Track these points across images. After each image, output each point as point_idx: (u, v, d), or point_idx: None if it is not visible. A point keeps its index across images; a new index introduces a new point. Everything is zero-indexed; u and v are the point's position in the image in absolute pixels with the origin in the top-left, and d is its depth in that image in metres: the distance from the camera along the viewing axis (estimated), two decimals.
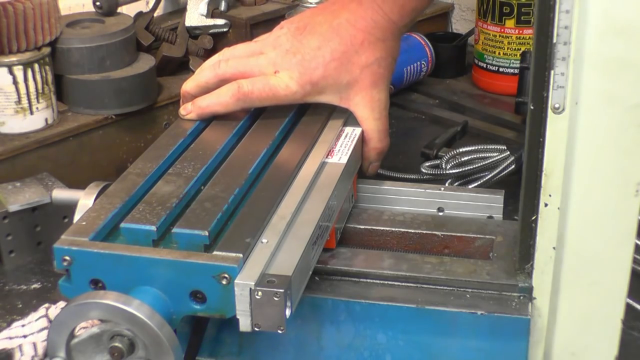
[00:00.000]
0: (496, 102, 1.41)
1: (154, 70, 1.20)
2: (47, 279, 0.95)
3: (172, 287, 0.66)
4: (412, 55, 1.41)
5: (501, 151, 1.08)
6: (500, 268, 0.79)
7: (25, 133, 1.09)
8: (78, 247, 0.67)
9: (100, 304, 0.64)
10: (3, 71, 1.07)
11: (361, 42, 0.90)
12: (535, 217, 0.73)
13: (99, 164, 1.15)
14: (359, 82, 0.91)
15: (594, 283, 0.73)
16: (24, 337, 0.79)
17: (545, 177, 0.71)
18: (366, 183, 0.95)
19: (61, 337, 0.65)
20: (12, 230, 0.96)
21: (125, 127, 1.18)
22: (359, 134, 0.92)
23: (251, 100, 0.90)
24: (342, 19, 0.91)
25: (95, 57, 1.14)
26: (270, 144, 0.86)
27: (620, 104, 0.66)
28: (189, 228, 0.68)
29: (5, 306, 0.90)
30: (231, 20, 1.36)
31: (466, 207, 0.91)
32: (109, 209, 0.72)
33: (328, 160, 0.86)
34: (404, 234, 0.87)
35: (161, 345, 0.63)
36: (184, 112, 0.91)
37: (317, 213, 0.76)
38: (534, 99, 0.69)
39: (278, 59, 0.90)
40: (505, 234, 0.85)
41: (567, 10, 0.65)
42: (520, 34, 1.39)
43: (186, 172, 0.78)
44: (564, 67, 0.66)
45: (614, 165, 0.69)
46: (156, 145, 0.85)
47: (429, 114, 1.36)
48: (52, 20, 1.11)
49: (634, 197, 0.69)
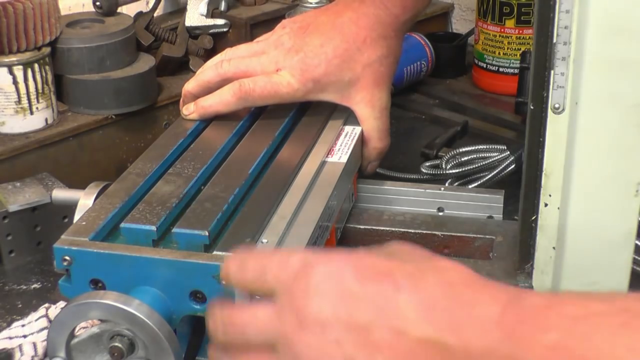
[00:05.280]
0: (496, 102, 1.41)
1: (154, 70, 1.20)
2: (47, 279, 0.94)
3: (172, 287, 0.66)
4: (412, 55, 1.41)
5: (501, 151, 1.08)
6: (500, 268, 0.79)
7: (25, 133, 1.09)
8: (78, 247, 0.67)
9: (100, 304, 0.64)
10: (3, 71, 1.07)
11: (363, 40, 0.90)
12: (535, 217, 0.73)
13: (99, 164, 1.15)
14: (360, 80, 0.91)
15: (594, 283, 0.73)
16: (24, 337, 0.79)
17: (545, 177, 0.71)
18: (366, 183, 0.95)
19: (61, 337, 0.65)
20: (12, 230, 0.96)
21: (125, 127, 1.17)
22: (359, 133, 0.92)
23: (253, 98, 0.90)
24: (345, 17, 0.91)
25: (95, 57, 1.14)
26: (270, 143, 0.86)
27: (620, 104, 0.66)
28: (189, 228, 0.68)
29: (5, 306, 0.90)
30: (231, 20, 1.36)
31: (466, 207, 0.91)
32: (109, 209, 0.72)
33: (328, 160, 0.86)
34: (404, 234, 0.87)
35: (161, 345, 0.63)
36: (186, 112, 0.92)
37: (317, 213, 0.76)
38: (534, 99, 0.69)
39: (280, 57, 0.90)
40: (505, 234, 0.85)
41: (567, 10, 0.65)
42: (520, 34, 1.39)
43: (186, 172, 0.78)
44: (564, 67, 0.66)
45: (614, 165, 0.69)
46: (156, 145, 0.85)
47: (429, 114, 1.35)
48: (52, 20, 1.11)
49: (634, 197, 0.69)
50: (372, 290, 0.52)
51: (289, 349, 0.54)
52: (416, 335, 0.50)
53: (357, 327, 0.51)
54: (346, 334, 0.51)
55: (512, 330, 0.47)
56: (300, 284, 0.54)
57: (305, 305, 0.53)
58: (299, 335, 0.53)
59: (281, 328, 0.54)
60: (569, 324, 0.45)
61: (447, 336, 0.49)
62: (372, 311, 0.51)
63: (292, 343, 0.53)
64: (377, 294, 0.52)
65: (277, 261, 0.57)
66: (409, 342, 0.50)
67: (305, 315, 0.53)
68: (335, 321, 0.52)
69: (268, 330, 0.56)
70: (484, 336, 0.48)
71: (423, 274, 0.53)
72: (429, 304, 0.51)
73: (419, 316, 0.50)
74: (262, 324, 0.56)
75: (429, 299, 0.51)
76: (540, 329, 0.46)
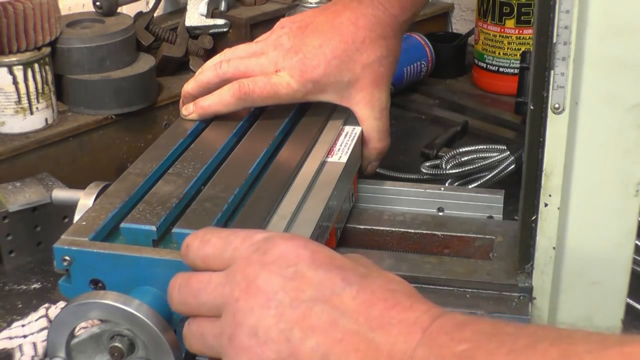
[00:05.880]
0: (496, 102, 1.41)
1: (154, 70, 1.20)
2: (47, 279, 0.95)
3: None
4: (412, 55, 1.41)
5: (501, 151, 1.08)
6: (500, 268, 0.79)
7: (25, 133, 1.09)
8: (78, 247, 0.67)
9: (100, 304, 0.63)
10: (3, 71, 1.07)
11: (362, 40, 0.90)
12: (535, 217, 0.73)
13: (99, 164, 1.15)
14: (360, 80, 0.91)
15: (594, 283, 0.73)
16: (24, 337, 0.79)
17: (545, 177, 0.71)
18: (366, 183, 0.95)
19: (61, 337, 0.65)
20: (12, 230, 0.96)
21: (125, 127, 1.18)
22: (359, 133, 0.92)
23: (252, 99, 0.90)
24: (344, 17, 0.91)
25: (95, 57, 1.14)
26: (270, 144, 0.86)
27: (620, 104, 0.66)
28: (189, 228, 0.68)
29: (5, 306, 0.90)
30: (231, 20, 1.36)
31: (466, 207, 0.91)
32: (109, 209, 0.72)
33: (328, 160, 0.86)
34: (404, 234, 0.87)
35: (161, 345, 0.63)
36: (185, 113, 0.92)
37: (317, 213, 0.76)
38: (534, 99, 0.69)
39: (279, 58, 0.90)
40: (505, 234, 0.85)
41: (567, 10, 0.65)
42: (520, 34, 1.39)
43: (186, 172, 0.78)
44: (564, 67, 0.66)
45: (614, 165, 0.69)
46: (156, 145, 0.85)
47: (429, 114, 1.36)
48: (52, 20, 1.11)
49: (634, 197, 0.69)
50: (322, 277, 0.55)
51: (232, 314, 0.56)
52: (350, 326, 0.53)
53: (299, 306, 0.54)
54: (287, 309, 0.54)
55: (433, 338, 0.51)
56: (257, 255, 0.57)
57: (255, 275, 0.56)
58: (244, 301, 0.56)
59: (229, 292, 0.57)
60: (481, 339, 0.49)
61: (377, 333, 0.52)
62: (316, 295, 0.54)
63: (235, 309, 0.56)
64: (326, 281, 0.55)
65: (241, 236, 0.60)
66: (341, 331, 0.53)
67: (254, 283, 0.56)
68: (280, 296, 0.55)
69: (217, 295, 0.58)
70: (408, 339, 0.51)
71: (371, 277, 0.56)
72: (369, 303, 0.54)
73: (357, 310, 0.54)
74: (213, 288, 0.58)
75: (370, 299, 0.54)
76: (455, 340, 0.50)
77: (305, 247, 0.57)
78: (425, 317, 0.52)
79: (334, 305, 0.54)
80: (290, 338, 0.54)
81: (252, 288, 0.56)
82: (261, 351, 0.54)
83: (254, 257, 0.57)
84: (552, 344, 0.46)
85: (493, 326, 0.50)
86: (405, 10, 0.93)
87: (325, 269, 0.56)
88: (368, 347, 0.52)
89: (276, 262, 0.56)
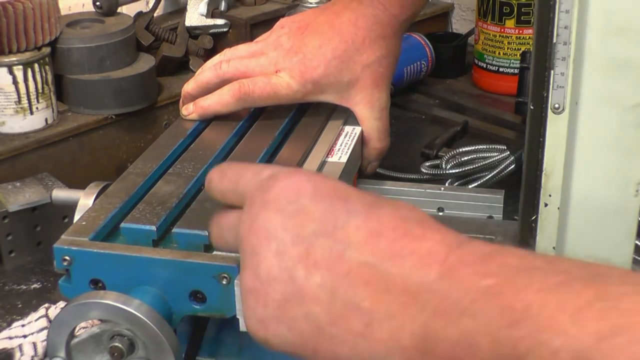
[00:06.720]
0: (496, 102, 1.41)
1: (154, 70, 1.20)
2: (47, 279, 0.95)
3: (172, 287, 0.66)
4: (412, 55, 1.41)
5: (501, 151, 1.08)
6: None
7: (25, 133, 1.09)
8: (78, 247, 0.67)
9: (100, 303, 0.63)
10: (3, 71, 1.07)
11: (362, 40, 0.90)
12: (535, 217, 0.73)
13: (99, 164, 1.15)
14: (360, 80, 0.91)
15: None
16: (24, 337, 0.79)
17: (545, 177, 0.71)
18: (366, 183, 0.95)
19: (61, 337, 0.65)
20: (12, 230, 0.96)
21: (125, 127, 1.18)
22: (359, 133, 0.92)
23: (252, 99, 0.90)
24: (344, 18, 0.91)
25: (95, 57, 1.14)
26: (270, 144, 0.86)
27: (620, 104, 0.66)
28: (189, 228, 0.68)
29: (5, 306, 0.90)
30: (231, 20, 1.36)
31: (466, 207, 0.91)
32: (109, 209, 0.72)
33: (328, 160, 0.86)
34: None
35: (161, 345, 0.63)
36: (185, 113, 0.92)
37: None
38: (534, 99, 0.69)
39: (279, 58, 0.90)
40: (505, 234, 0.85)
41: (567, 10, 0.65)
42: (520, 34, 1.39)
43: (186, 172, 0.78)
44: (564, 67, 0.66)
45: (614, 165, 0.69)
46: (156, 145, 0.85)
47: (429, 114, 1.36)
48: (52, 20, 1.11)
49: (634, 197, 0.69)
50: (324, 209, 0.52)
51: (241, 255, 0.56)
52: (357, 258, 0.50)
53: (301, 242, 0.52)
54: (289, 247, 0.52)
55: (452, 271, 0.47)
56: (260, 194, 0.55)
57: (257, 214, 0.54)
58: (247, 240, 0.54)
59: (238, 231, 0.56)
60: (508, 273, 0.45)
61: (388, 265, 0.49)
62: (318, 230, 0.52)
63: (241, 250, 0.56)
64: (328, 214, 0.52)
65: (252, 171, 0.58)
66: (348, 263, 0.50)
67: (255, 223, 0.54)
68: (281, 233, 0.53)
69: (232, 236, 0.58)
70: (423, 271, 0.48)
71: (379, 205, 0.53)
72: (377, 232, 0.50)
73: (363, 241, 0.50)
74: (227, 223, 0.59)
75: (378, 228, 0.51)
76: (479, 274, 0.46)
77: (308, 180, 0.54)
78: (440, 248, 0.48)
79: (338, 239, 0.51)
80: (295, 276, 0.51)
81: (254, 228, 0.54)
82: (265, 292, 0.53)
83: (257, 196, 0.55)
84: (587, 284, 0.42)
85: (521, 259, 0.46)
86: (405, 9, 0.92)
87: (328, 201, 0.53)
88: (379, 280, 0.49)
89: (277, 199, 0.54)
